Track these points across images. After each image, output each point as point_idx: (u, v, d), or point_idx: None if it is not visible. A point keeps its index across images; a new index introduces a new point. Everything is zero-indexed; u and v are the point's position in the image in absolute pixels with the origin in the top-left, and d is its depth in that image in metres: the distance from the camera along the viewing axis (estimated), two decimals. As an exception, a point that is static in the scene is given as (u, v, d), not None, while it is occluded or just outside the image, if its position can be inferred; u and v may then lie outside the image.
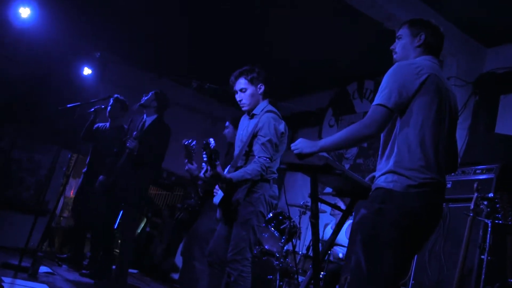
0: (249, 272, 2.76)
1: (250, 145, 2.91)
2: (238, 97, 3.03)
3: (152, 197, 7.98)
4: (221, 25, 5.48)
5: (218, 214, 3.05)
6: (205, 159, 2.73)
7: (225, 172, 2.84)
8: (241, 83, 3.01)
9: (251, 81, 3.00)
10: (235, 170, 2.87)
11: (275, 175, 2.96)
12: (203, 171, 2.86)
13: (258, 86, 3.02)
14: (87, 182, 4.89)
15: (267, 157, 2.81)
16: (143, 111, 4.38)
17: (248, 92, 3.00)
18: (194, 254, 4.30)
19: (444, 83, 2.01)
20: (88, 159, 5.04)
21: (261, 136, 2.86)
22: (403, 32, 2.14)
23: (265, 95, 3.08)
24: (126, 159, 4.16)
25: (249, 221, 2.80)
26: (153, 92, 4.39)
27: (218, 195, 2.95)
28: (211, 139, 2.71)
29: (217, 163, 2.70)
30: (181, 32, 5.85)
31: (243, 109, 3.05)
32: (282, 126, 2.95)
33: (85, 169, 5.04)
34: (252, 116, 3.03)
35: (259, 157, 2.82)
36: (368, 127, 1.89)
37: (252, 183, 2.85)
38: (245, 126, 3.07)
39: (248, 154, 2.92)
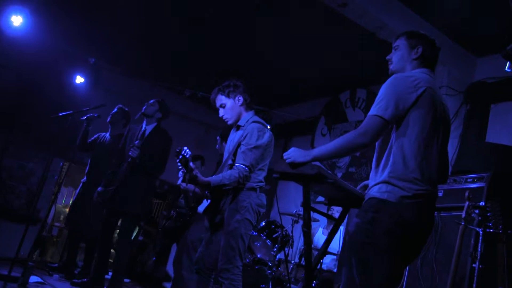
0: (239, 280, 2.77)
1: (235, 155, 2.96)
2: (220, 113, 3.12)
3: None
4: (215, 34, 5.50)
5: (206, 222, 3.05)
6: (179, 166, 2.75)
7: None
8: (220, 99, 3.10)
9: (228, 95, 3.08)
10: None
11: (262, 184, 2.98)
12: (180, 180, 2.85)
13: (236, 98, 3.08)
14: (85, 192, 4.83)
15: (245, 165, 2.85)
16: (143, 119, 4.35)
17: (228, 106, 3.07)
18: (183, 263, 4.28)
19: (439, 96, 2.04)
20: (87, 168, 4.99)
21: (243, 145, 2.92)
22: (400, 43, 2.15)
23: (248, 106, 3.13)
24: (127, 168, 4.11)
25: (237, 230, 2.81)
26: (155, 100, 4.35)
27: (203, 203, 2.96)
28: (185, 147, 2.74)
29: (193, 166, 2.74)
30: (175, 40, 5.86)
31: (228, 123, 3.13)
32: (267, 136, 2.98)
33: (84, 178, 4.99)
34: (238, 128, 3.10)
35: (238, 164, 2.87)
36: (363, 136, 1.90)
37: (238, 192, 2.88)
38: (232, 137, 3.14)
39: (232, 164, 2.95)
